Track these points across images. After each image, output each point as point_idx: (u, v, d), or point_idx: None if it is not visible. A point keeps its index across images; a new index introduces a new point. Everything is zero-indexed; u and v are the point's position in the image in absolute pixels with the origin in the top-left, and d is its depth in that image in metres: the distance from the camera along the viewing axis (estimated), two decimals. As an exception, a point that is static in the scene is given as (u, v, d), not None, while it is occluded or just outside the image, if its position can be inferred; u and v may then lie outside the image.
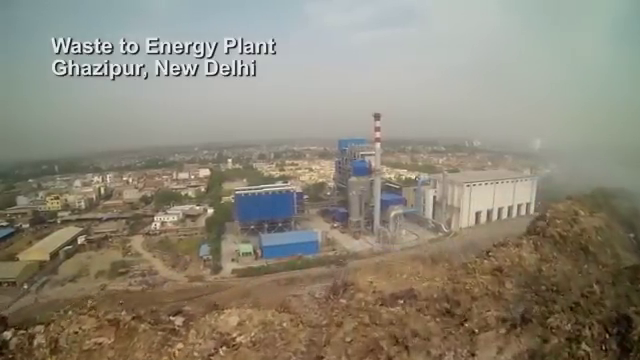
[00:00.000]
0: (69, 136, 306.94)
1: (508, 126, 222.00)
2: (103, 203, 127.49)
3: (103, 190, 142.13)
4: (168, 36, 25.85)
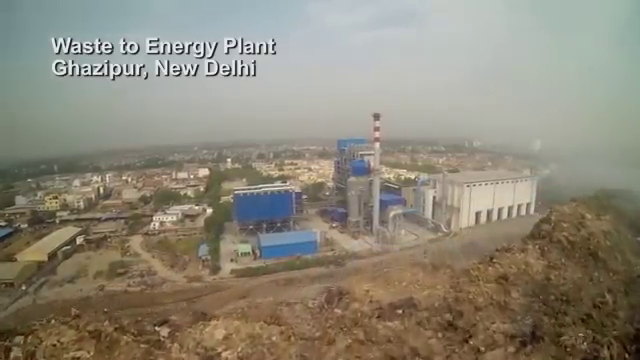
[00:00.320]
0: (68, 135, 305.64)
1: (508, 126, 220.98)
2: (102, 203, 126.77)
3: (102, 190, 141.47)
4: (168, 36, 25.68)
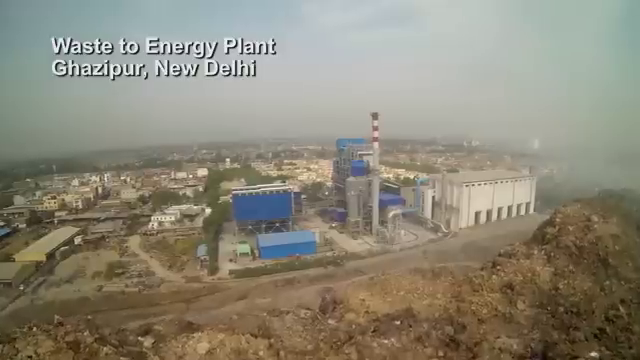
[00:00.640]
0: (67, 135, 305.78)
1: (507, 126, 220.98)
2: (101, 203, 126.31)
3: (101, 189, 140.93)
4: (168, 36, 25.53)
